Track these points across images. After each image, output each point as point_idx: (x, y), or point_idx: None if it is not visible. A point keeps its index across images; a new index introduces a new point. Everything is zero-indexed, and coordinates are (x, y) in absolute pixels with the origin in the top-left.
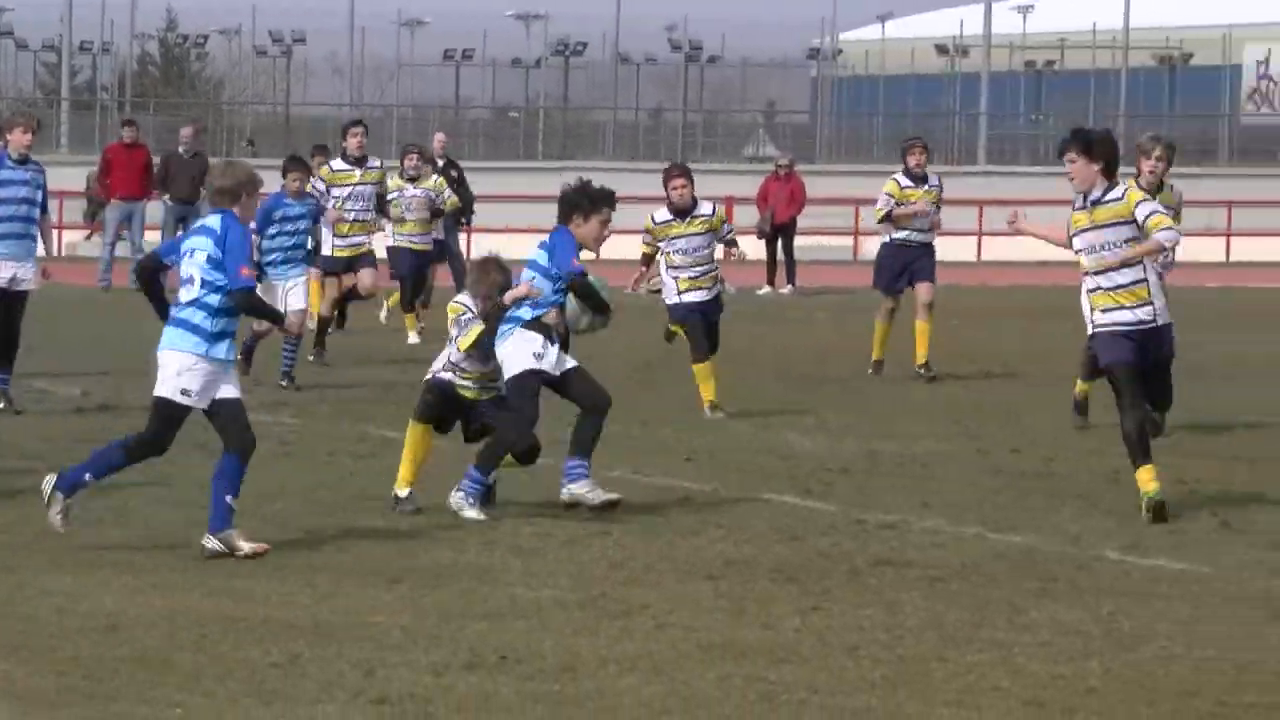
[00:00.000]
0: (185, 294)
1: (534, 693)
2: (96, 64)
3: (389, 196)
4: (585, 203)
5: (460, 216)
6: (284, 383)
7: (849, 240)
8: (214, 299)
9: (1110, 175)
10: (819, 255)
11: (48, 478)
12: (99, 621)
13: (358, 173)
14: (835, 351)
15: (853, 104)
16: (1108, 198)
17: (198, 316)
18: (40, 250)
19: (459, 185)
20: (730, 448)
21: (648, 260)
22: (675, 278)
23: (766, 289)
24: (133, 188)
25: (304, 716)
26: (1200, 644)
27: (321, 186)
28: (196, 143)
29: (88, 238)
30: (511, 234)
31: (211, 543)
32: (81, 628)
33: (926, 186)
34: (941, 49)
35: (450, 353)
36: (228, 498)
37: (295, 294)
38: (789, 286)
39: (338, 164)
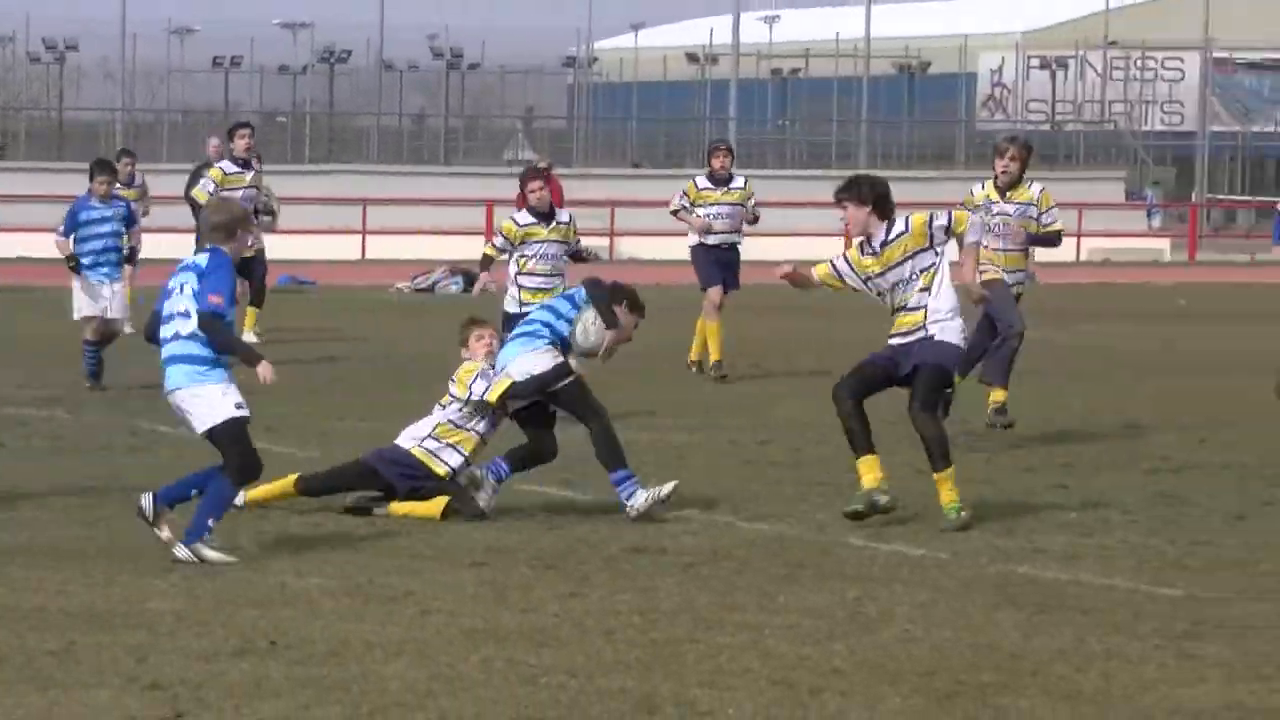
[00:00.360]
0: (182, 327)
1: (302, 677)
2: None
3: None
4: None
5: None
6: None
7: (606, 240)
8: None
9: (885, 215)
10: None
11: (179, 549)
12: None
13: (248, 175)
14: None
15: (608, 109)
16: (892, 236)
17: (195, 346)
18: None
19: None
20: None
21: (486, 265)
22: (521, 286)
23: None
24: None
25: (78, 702)
26: (938, 626)
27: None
28: None
29: None
30: (286, 235)
31: (183, 552)
32: None
33: (728, 188)
34: (692, 57)
35: (446, 416)
36: (210, 520)
37: (117, 303)
38: None
39: (228, 166)
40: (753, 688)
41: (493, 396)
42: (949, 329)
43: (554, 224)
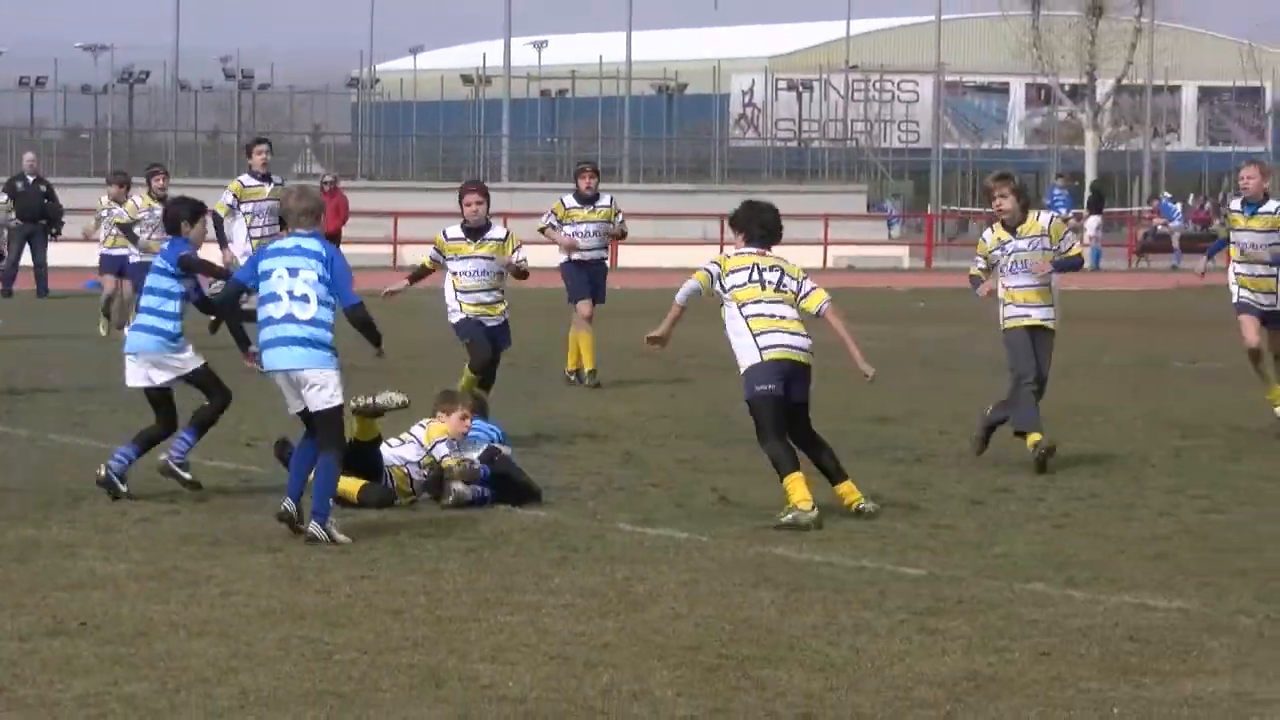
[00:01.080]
0: (301, 310)
1: (112, 655)
2: None
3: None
4: None
5: (50, 228)
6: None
7: (389, 249)
8: (328, 314)
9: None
10: (361, 262)
11: (314, 527)
12: None
13: (267, 188)
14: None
15: (389, 127)
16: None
17: (322, 332)
18: None
19: (48, 198)
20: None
21: (419, 275)
22: (461, 301)
23: None
24: None
25: None
26: (702, 604)
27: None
28: None
29: None
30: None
31: (319, 531)
32: None
33: (594, 207)
34: (467, 79)
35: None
36: (330, 500)
37: None
38: None
39: (247, 180)
40: (531, 662)
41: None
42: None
43: (481, 240)
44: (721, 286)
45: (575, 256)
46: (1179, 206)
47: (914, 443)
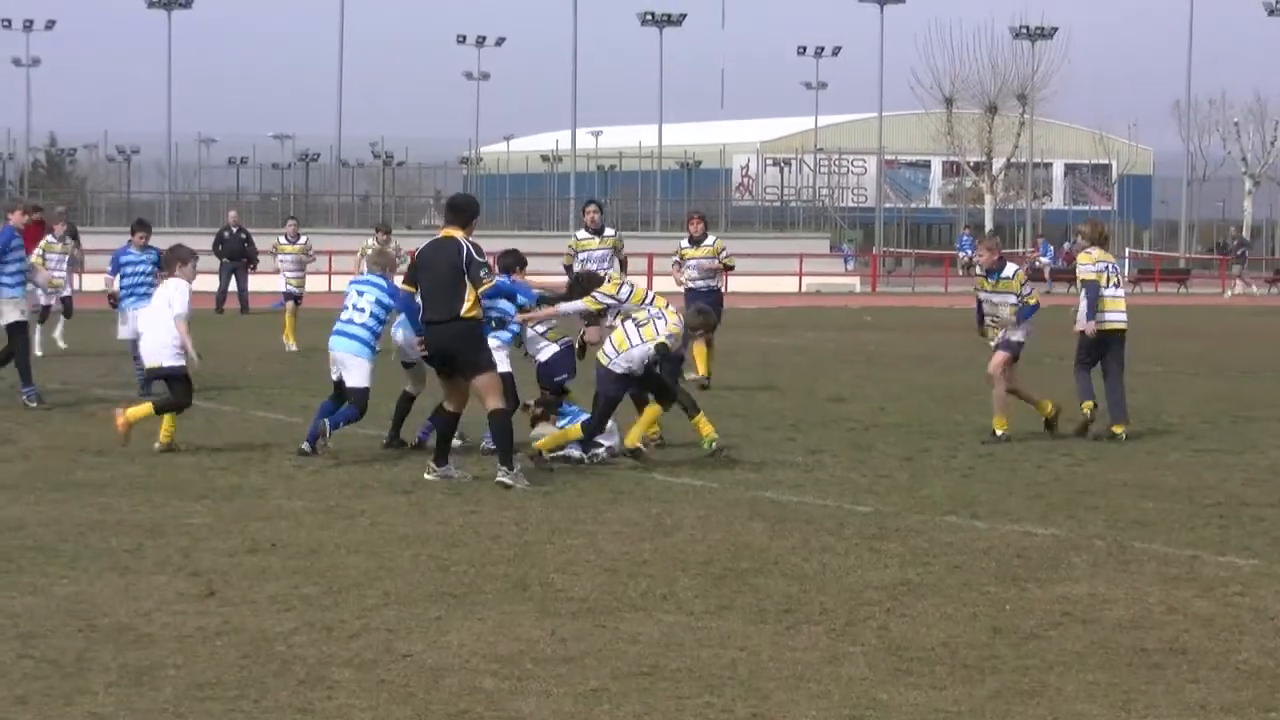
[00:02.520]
0: (358, 317)
1: (293, 567)
2: (5, 167)
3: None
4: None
5: (250, 262)
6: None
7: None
8: (377, 324)
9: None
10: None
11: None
12: (10, 523)
13: (596, 240)
14: None
15: (490, 193)
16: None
17: (367, 333)
18: None
19: (248, 243)
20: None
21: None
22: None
23: None
24: (28, 249)
25: (145, 584)
26: (712, 531)
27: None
28: (68, 218)
29: None
30: (275, 275)
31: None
32: None
33: (601, 236)
34: (545, 158)
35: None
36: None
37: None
38: None
39: (581, 235)
40: (591, 572)
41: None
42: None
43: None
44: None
45: (690, 285)
46: (1052, 249)
47: (861, 416)
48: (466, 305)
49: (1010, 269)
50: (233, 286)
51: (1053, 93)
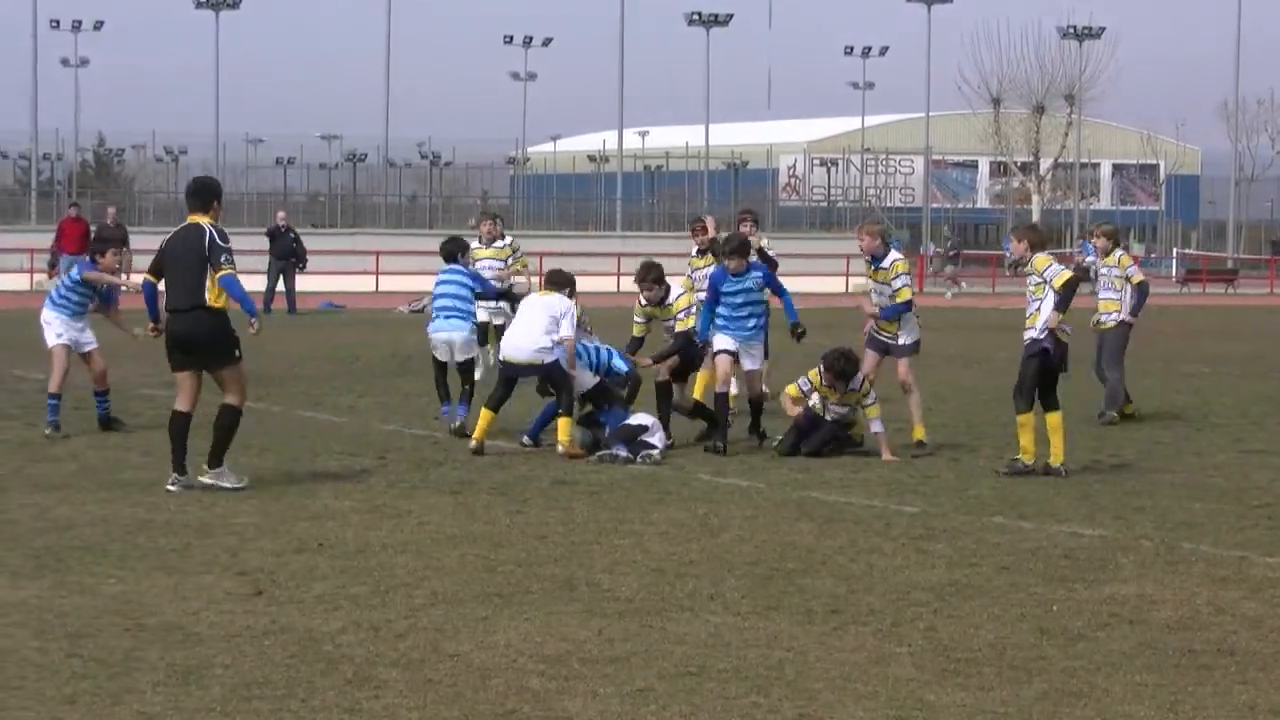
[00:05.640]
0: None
1: (340, 566)
2: (54, 167)
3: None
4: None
5: (298, 262)
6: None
7: (537, 279)
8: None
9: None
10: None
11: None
12: (59, 523)
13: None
14: None
15: (536, 192)
16: None
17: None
18: None
19: (296, 243)
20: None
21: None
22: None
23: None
24: (76, 247)
25: (193, 583)
26: (759, 532)
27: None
28: (117, 217)
29: (49, 279)
30: (323, 275)
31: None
32: (48, 527)
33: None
34: (592, 158)
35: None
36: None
37: None
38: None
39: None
40: (638, 573)
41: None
42: None
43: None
44: None
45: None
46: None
47: (908, 416)
48: (210, 295)
49: (890, 258)
50: (281, 287)
51: (1100, 93)
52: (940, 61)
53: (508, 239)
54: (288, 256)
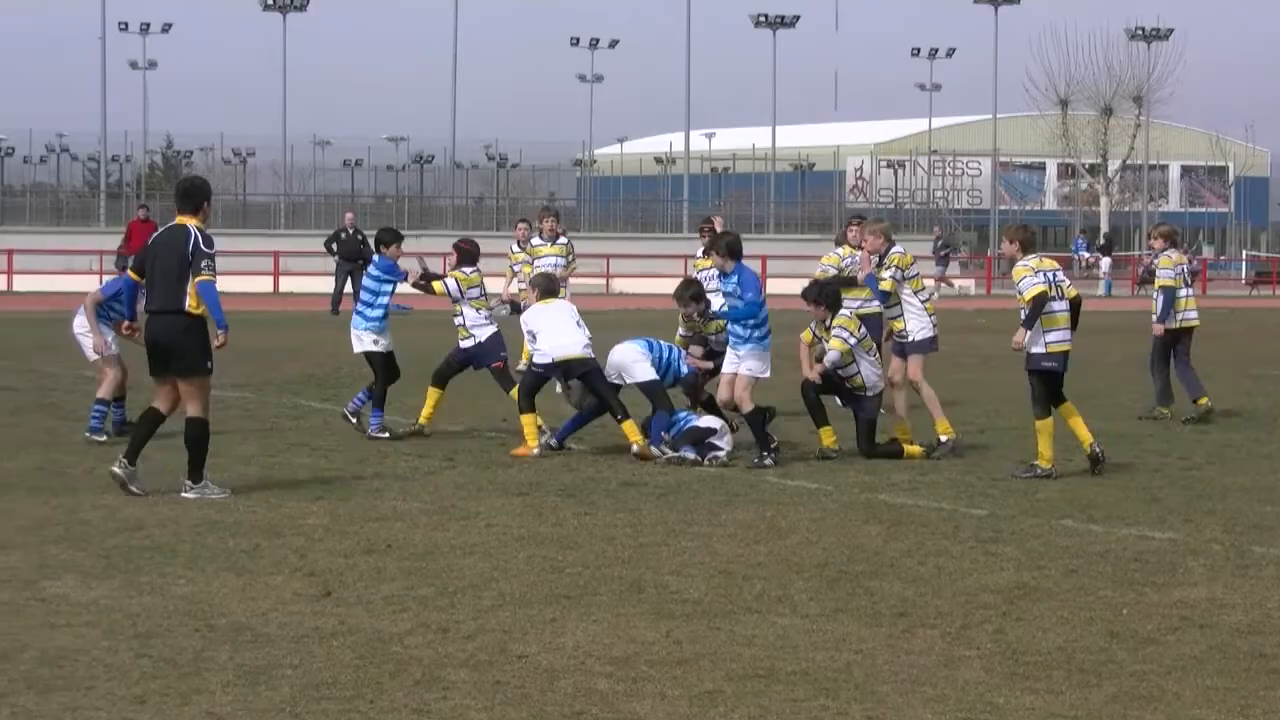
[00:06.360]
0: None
1: (408, 568)
2: (123, 169)
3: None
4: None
5: (366, 264)
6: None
7: (602, 281)
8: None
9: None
10: (582, 290)
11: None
12: (129, 524)
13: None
14: None
15: (603, 194)
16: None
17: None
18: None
19: (363, 244)
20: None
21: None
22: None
23: None
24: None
25: (262, 583)
26: (827, 534)
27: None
28: None
29: None
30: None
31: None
32: (118, 528)
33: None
34: (658, 160)
35: None
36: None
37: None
38: None
39: (536, 240)
40: (705, 575)
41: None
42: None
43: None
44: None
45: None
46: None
47: (976, 419)
48: (189, 300)
49: (890, 252)
50: (348, 289)
51: (1168, 94)
52: (1007, 63)
53: (565, 238)
54: (355, 258)
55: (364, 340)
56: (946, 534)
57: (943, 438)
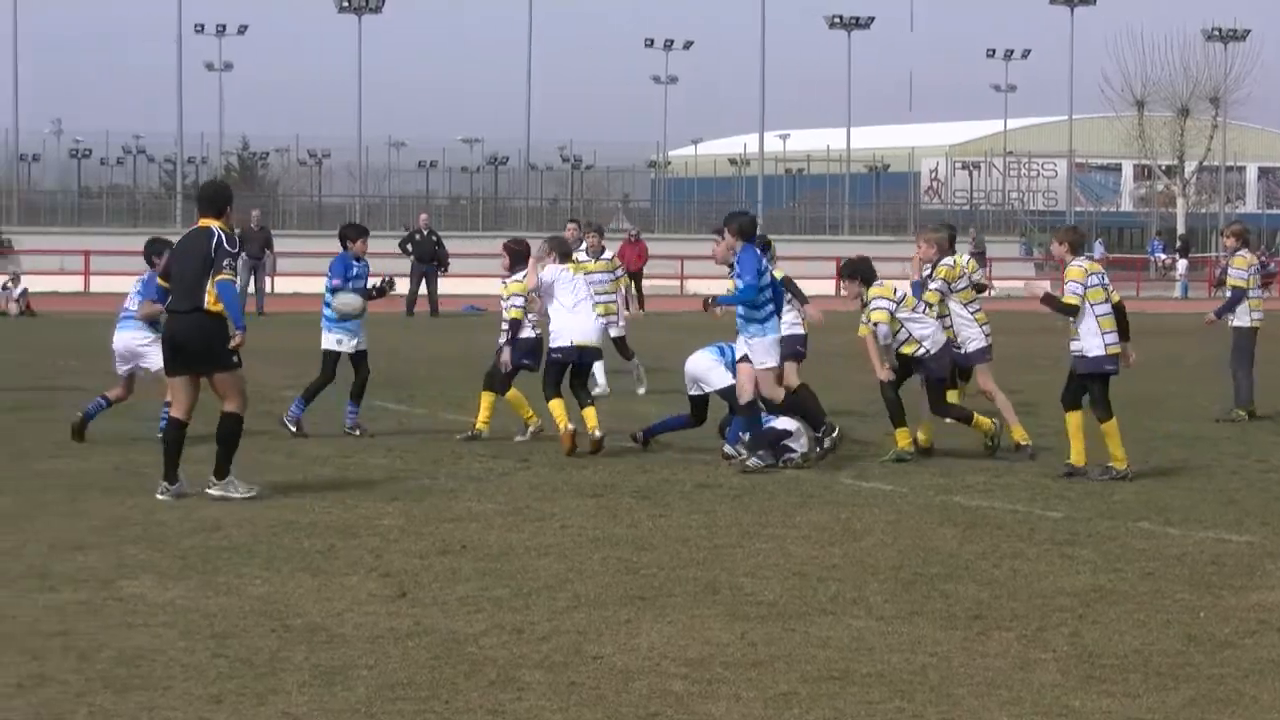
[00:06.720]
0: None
1: (483, 569)
2: (199, 171)
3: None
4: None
5: (440, 265)
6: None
7: (676, 282)
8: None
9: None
10: (656, 291)
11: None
12: (206, 524)
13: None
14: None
15: (676, 195)
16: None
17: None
18: None
19: (438, 246)
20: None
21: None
22: None
23: (625, 314)
24: None
25: (337, 584)
26: (902, 536)
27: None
28: (261, 220)
29: None
30: (465, 278)
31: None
32: (195, 528)
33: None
34: (733, 161)
35: None
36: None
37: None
38: (640, 311)
39: (582, 257)
40: (780, 576)
41: None
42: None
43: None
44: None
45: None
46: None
47: (1051, 420)
48: (210, 297)
49: (941, 262)
50: (423, 290)
51: (1246, 95)
52: (1083, 64)
53: (609, 252)
54: (430, 260)
55: (327, 339)
56: (1022, 536)
57: (1020, 443)
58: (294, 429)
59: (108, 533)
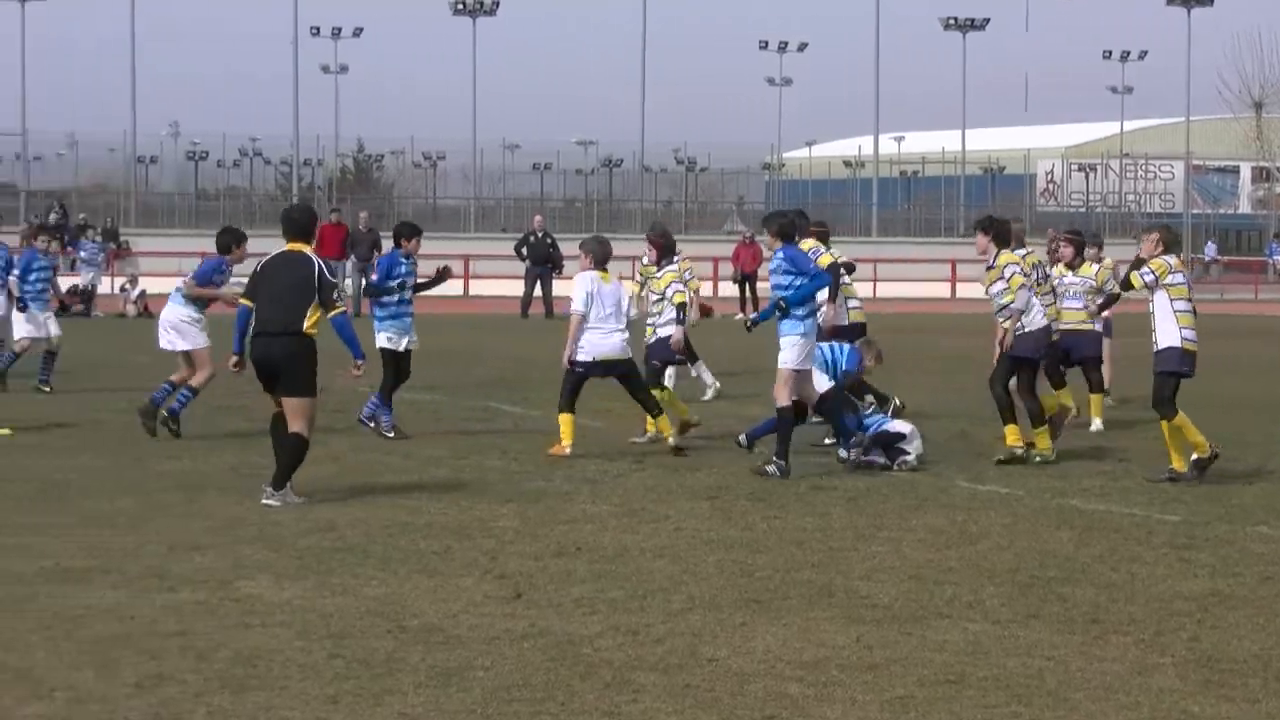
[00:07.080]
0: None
1: (598, 571)
2: (314, 173)
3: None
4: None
5: (555, 267)
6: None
7: None
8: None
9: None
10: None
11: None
12: (321, 525)
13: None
14: None
15: (791, 197)
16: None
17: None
18: None
19: (553, 248)
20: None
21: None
22: None
23: (739, 316)
24: (335, 251)
25: (453, 585)
26: (1018, 539)
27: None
28: (369, 222)
29: None
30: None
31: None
32: (310, 529)
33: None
34: (847, 163)
35: None
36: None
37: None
38: (753, 312)
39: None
40: (895, 579)
41: None
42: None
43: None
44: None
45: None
46: None
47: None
48: (308, 322)
49: (1001, 260)
50: (538, 292)
51: None
52: (1200, 65)
53: (679, 256)
54: (544, 262)
55: (379, 338)
56: (1139, 540)
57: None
58: (390, 434)
59: (224, 533)
